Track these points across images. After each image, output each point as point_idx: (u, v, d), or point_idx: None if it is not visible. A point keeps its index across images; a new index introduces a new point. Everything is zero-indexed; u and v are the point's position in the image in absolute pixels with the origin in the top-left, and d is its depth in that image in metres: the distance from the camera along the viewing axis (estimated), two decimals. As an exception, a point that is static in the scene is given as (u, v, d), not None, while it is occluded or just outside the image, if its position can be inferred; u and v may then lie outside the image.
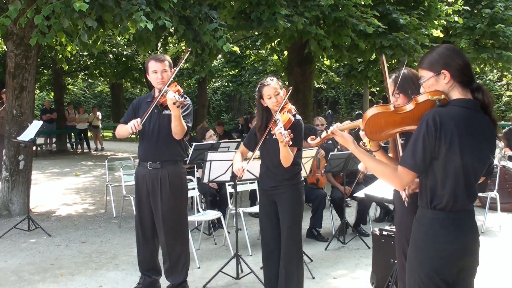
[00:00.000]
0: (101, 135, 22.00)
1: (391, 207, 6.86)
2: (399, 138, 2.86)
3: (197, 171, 6.89)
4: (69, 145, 20.23)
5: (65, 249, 6.06)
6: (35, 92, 9.04)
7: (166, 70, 4.30)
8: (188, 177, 4.89)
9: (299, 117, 4.03)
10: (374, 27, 8.75)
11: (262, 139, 3.98)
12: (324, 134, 2.69)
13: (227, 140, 8.54)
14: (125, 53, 19.69)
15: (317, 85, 22.83)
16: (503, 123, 19.51)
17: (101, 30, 7.31)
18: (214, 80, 27.91)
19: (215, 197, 6.90)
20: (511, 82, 25.35)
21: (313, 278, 5.00)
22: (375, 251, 4.65)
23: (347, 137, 2.58)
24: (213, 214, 6.00)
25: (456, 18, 11.27)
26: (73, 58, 18.04)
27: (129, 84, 25.07)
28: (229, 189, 6.19)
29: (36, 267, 5.37)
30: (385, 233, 4.56)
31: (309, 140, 2.80)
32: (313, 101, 16.04)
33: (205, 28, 6.87)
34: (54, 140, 19.71)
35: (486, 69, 18.96)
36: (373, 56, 10.91)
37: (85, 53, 18.40)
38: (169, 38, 11.16)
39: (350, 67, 14.47)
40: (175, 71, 4.35)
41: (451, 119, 2.25)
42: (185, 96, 4.20)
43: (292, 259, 3.98)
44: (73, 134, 20.01)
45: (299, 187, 4.06)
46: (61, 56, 9.64)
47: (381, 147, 2.79)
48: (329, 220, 6.86)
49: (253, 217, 7.51)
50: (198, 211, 6.19)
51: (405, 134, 2.79)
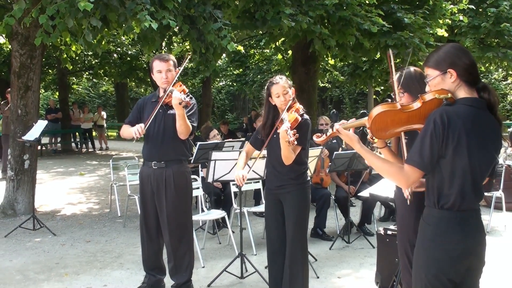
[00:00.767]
0: (106, 134, 22.06)
1: (396, 206, 6.84)
2: (404, 137, 2.84)
3: (202, 171, 6.90)
4: (74, 144, 20.28)
5: (70, 248, 6.08)
6: (40, 91, 9.06)
7: (170, 69, 4.30)
8: (192, 176, 4.89)
9: (306, 116, 3.99)
10: (378, 26, 8.73)
11: (269, 138, 3.95)
12: (329, 131, 2.67)
13: (231, 139, 8.54)
14: (129, 52, 19.72)
15: (322, 84, 22.78)
16: (508, 122, 19.46)
17: (106, 29, 7.31)
18: (218, 79, 27.94)
19: (220, 196, 6.91)
20: (516, 81, 25.26)
21: (318, 277, 5.00)
22: (379, 251, 4.64)
23: (352, 136, 2.57)
24: (218, 213, 6.01)
25: (461, 17, 11.23)
26: (77, 57, 18.04)
27: (134, 83, 25.11)
28: (234, 189, 6.19)
29: (41, 266, 5.39)
30: (389, 232, 4.55)
31: (315, 137, 2.78)
32: (317, 100, 16.04)
33: (210, 27, 6.87)
34: (59, 139, 19.76)
35: (491, 68, 18.89)
36: (378, 55, 10.89)
37: (90, 53, 18.40)
38: (174, 37, 11.18)
39: (354, 66, 14.44)
40: (179, 72, 4.35)
41: (459, 118, 2.24)
42: (191, 95, 4.20)
43: (297, 259, 3.95)
44: (78, 133, 20.06)
45: (305, 187, 4.03)
46: (65, 55, 9.65)
47: (387, 144, 2.78)
48: (334, 219, 6.85)
49: (258, 217, 7.51)
50: (202, 211, 6.19)
51: (409, 132, 2.78)
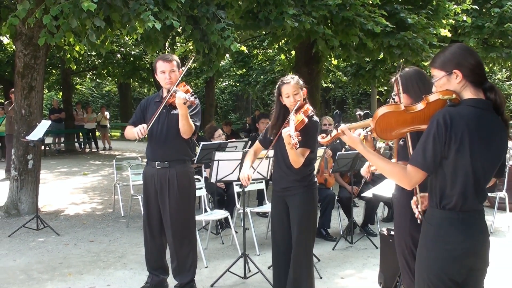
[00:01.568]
0: (109, 134, 22.08)
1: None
2: (409, 137, 2.84)
3: (205, 171, 6.90)
4: (77, 144, 20.32)
5: (74, 248, 6.09)
6: (44, 91, 9.08)
7: (174, 70, 4.31)
8: (195, 176, 4.90)
9: (316, 118, 3.96)
10: (382, 27, 8.73)
11: (275, 139, 3.91)
12: (334, 132, 2.67)
13: (234, 139, 8.54)
14: (133, 53, 19.75)
15: (325, 85, 22.77)
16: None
17: (109, 30, 7.33)
18: (221, 79, 27.91)
19: (223, 196, 6.91)
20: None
21: (321, 277, 5.00)
22: (382, 251, 4.64)
23: (355, 138, 2.57)
24: (221, 213, 6.01)
25: (464, 17, 11.22)
26: (81, 58, 18.10)
27: (137, 83, 25.14)
28: (237, 189, 6.20)
29: (44, 266, 5.40)
30: (392, 233, 4.53)
31: (320, 138, 2.78)
32: (320, 101, 16.02)
33: (213, 27, 6.88)
34: (62, 139, 19.80)
35: (495, 68, 18.86)
36: (381, 55, 10.88)
37: (93, 53, 18.47)
38: (177, 37, 11.19)
39: (357, 67, 14.43)
40: (183, 72, 4.36)
41: (462, 119, 2.24)
42: (195, 95, 4.20)
43: (301, 263, 3.92)
44: (81, 133, 20.10)
45: (312, 189, 3.99)
46: (69, 56, 9.68)
47: (375, 149, 2.78)
48: (337, 220, 6.84)
49: (261, 217, 7.51)
50: (205, 211, 6.19)
51: (413, 132, 2.77)
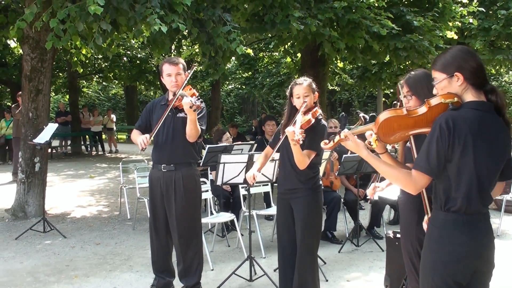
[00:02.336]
0: (116, 137, 22.14)
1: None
2: (413, 140, 2.83)
3: (211, 173, 6.91)
4: (83, 147, 20.41)
5: (80, 251, 6.11)
6: (51, 95, 9.12)
7: (180, 73, 4.32)
8: (201, 179, 4.90)
9: (324, 122, 3.96)
10: (388, 29, 8.72)
11: (283, 137, 3.90)
12: (337, 138, 2.68)
13: (240, 142, 8.55)
14: (139, 56, 19.82)
15: (331, 87, 22.76)
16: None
17: (116, 33, 7.36)
18: (227, 82, 27.98)
19: (229, 199, 6.92)
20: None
21: (327, 280, 4.99)
22: (389, 254, 4.63)
23: (358, 143, 2.57)
24: (227, 216, 6.01)
25: (470, 19, 11.18)
26: (88, 61, 18.20)
27: (143, 86, 25.25)
28: (243, 191, 6.20)
29: (51, 268, 5.42)
30: (399, 235, 4.52)
31: (322, 144, 2.78)
32: (326, 103, 16.01)
33: (219, 30, 6.90)
34: (69, 142, 19.88)
35: (501, 70, 18.78)
36: (387, 58, 10.86)
37: (100, 56, 18.54)
38: (183, 41, 11.22)
39: (363, 69, 14.42)
40: (188, 76, 4.36)
41: (464, 122, 2.24)
42: (201, 99, 4.21)
43: (305, 266, 3.93)
44: (87, 136, 20.18)
45: (317, 192, 3.98)
46: (76, 59, 9.71)
47: (387, 150, 2.78)
48: (343, 222, 6.83)
49: (267, 220, 7.51)
50: (211, 213, 6.20)
51: (417, 136, 2.77)
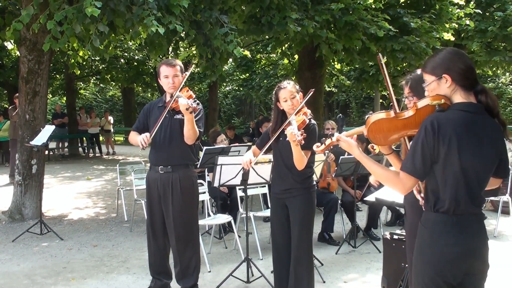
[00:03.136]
0: (113, 139, 22.13)
1: (402, 211, 6.82)
2: (408, 142, 2.85)
3: (208, 175, 6.91)
4: (81, 149, 20.38)
5: (77, 253, 6.10)
6: (48, 96, 9.12)
7: (177, 75, 4.32)
8: (198, 181, 4.90)
9: (314, 121, 4.03)
10: (385, 31, 8.74)
11: (272, 139, 3.97)
12: (328, 141, 2.70)
13: (237, 144, 8.55)
14: (136, 57, 19.84)
15: (328, 89, 22.80)
16: (515, 126, 19.31)
17: (113, 35, 7.37)
18: (225, 84, 27.99)
19: (226, 201, 6.91)
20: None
21: (324, 282, 4.99)
22: (386, 255, 4.63)
23: (351, 142, 2.61)
24: (224, 218, 6.01)
25: (467, 21, 11.21)
26: (85, 63, 18.15)
27: (141, 88, 25.26)
28: (240, 193, 6.20)
29: (48, 271, 5.41)
30: (396, 237, 4.54)
31: (314, 147, 2.81)
32: (324, 105, 16.04)
33: (216, 32, 6.91)
34: (66, 144, 19.86)
35: (498, 72, 18.83)
36: (384, 59, 10.87)
37: (97, 58, 18.53)
38: (180, 42, 11.23)
39: (361, 71, 14.44)
40: (185, 78, 4.37)
41: (449, 123, 2.26)
42: (198, 101, 4.22)
43: (302, 263, 3.98)
44: (85, 138, 20.15)
45: (311, 191, 4.05)
46: (73, 61, 9.71)
47: (393, 151, 2.79)
48: (340, 224, 6.84)
49: (264, 222, 7.50)
50: (208, 215, 6.20)
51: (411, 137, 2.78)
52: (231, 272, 4.89)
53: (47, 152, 15.31)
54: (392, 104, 2.86)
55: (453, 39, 10.59)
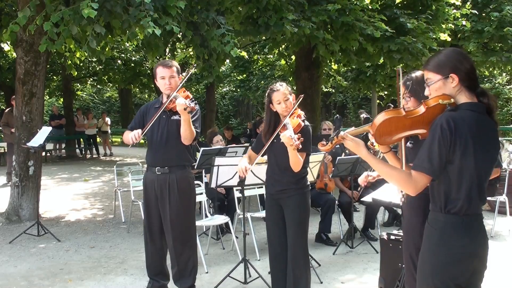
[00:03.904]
0: (110, 140, 22.09)
1: (399, 211, 6.82)
2: (407, 141, 2.86)
3: (205, 176, 6.90)
4: (78, 150, 20.34)
5: (74, 254, 6.09)
6: (45, 98, 9.10)
7: (173, 76, 4.33)
8: (196, 182, 4.90)
9: (307, 123, 4.04)
10: (381, 31, 8.76)
11: (268, 143, 3.99)
12: (335, 139, 2.68)
13: (235, 145, 8.55)
14: (133, 59, 19.81)
15: (325, 90, 22.81)
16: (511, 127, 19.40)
17: (110, 36, 7.36)
18: (222, 85, 27.98)
19: (223, 202, 6.91)
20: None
21: (321, 282, 4.99)
22: (383, 256, 4.64)
23: (358, 141, 2.56)
24: (221, 219, 6.01)
25: (464, 22, 11.24)
26: (82, 64, 18.14)
27: (138, 89, 25.18)
28: (237, 194, 6.21)
29: (45, 272, 5.41)
30: (393, 237, 4.54)
31: (320, 146, 2.79)
32: (321, 106, 16.03)
33: (213, 33, 6.91)
34: (63, 145, 19.82)
35: (495, 72, 18.88)
36: (381, 60, 10.90)
37: (94, 59, 18.50)
38: (177, 43, 11.21)
39: (358, 72, 14.45)
40: (183, 80, 4.37)
41: (464, 123, 2.26)
42: (195, 101, 4.23)
43: (299, 263, 3.99)
44: (82, 139, 20.12)
45: (305, 192, 4.07)
46: (70, 62, 9.71)
47: (391, 149, 2.79)
48: (337, 224, 6.84)
49: (262, 222, 7.48)
50: (206, 216, 6.20)
51: (413, 137, 2.79)
52: (228, 273, 4.89)
53: (44, 153, 15.29)
54: (398, 102, 2.86)
55: (449, 39, 10.61)
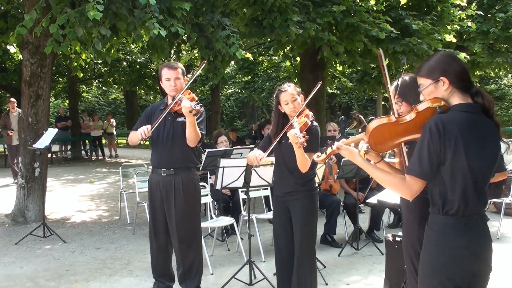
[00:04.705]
0: (115, 142, 22.16)
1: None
2: (404, 146, 2.86)
3: (210, 178, 6.92)
4: (83, 152, 20.40)
5: (80, 256, 6.11)
6: (50, 100, 9.13)
7: (179, 77, 4.33)
8: (201, 183, 4.91)
9: (316, 123, 4.02)
10: (386, 33, 8.74)
11: (275, 142, 3.95)
12: (329, 150, 2.69)
13: (239, 146, 8.55)
14: (138, 60, 19.87)
15: (330, 91, 22.82)
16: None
17: (115, 38, 7.39)
18: (227, 86, 28.02)
19: (228, 203, 6.92)
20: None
21: (326, 284, 4.99)
22: (388, 257, 4.63)
23: (353, 150, 2.59)
24: (226, 220, 6.02)
25: (469, 23, 11.21)
26: (87, 66, 18.21)
27: (143, 91, 25.27)
28: (242, 196, 6.21)
29: (51, 273, 5.42)
30: (398, 239, 4.53)
31: (315, 157, 2.80)
32: (326, 107, 16.04)
33: (218, 35, 6.92)
34: (69, 147, 19.89)
35: (500, 73, 18.81)
36: (386, 61, 10.88)
37: (99, 61, 18.59)
38: (182, 45, 11.24)
39: (363, 73, 14.45)
40: (190, 81, 4.38)
41: (453, 124, 2.26)
42: (201, 103, 4.23)
43: (304, 267, 3.96)
44: (87, 141, 20.18)
45: (313, 194, 4.04)
46: (75, 64, 9.74)
47: (382, 158, 2.79)
48: (343, 226, 6.83)
49: (271, 223, 7.46)
50: (211, 218, 6.21)
51: (409, 142, 2.79)
52: (233, 274, 4.89)
53: (49, 155, 15.35)
54: (391, 108, 2.86)
55: (455, 40, 10.59)
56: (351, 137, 2.74)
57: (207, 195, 6.08)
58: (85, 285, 5.05)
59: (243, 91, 26.59)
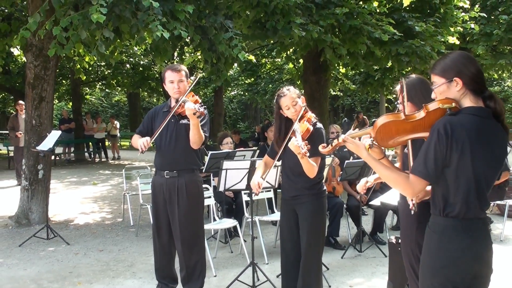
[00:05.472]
0: (119, 144, 22.19)
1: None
2: (410, 145, 2.85)
3: (213, 180, 6.92)
4: (87, 154, 20.44)
5: (83, 257, 6.12)
6: (54, 102, 9.16)
7: (182, 80, 4.34)
8: (204, 185, 4.91)
9: (319, 125, 3.95)
10: (389, 35, 8.74)
11: (281, 149, 3.92)
12: (335, 142, 2.69)
13: (242, 148, 8.56)
14: (142, 63, 19.92)
15: (333, 93, 22.80)
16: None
17: (118, 40, 7.41)
18: (230, 88, 28.05)
19: (231, 205, 6.92)
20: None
21: (330, 286, 4.99)
22: (391, 259, 4.62)
23: (359, 144, 2.58)
24: (229, 222, 6.02)
25: (472, 25, 11.19)
26: (90, 68, 18.26)
27: (146, 93, 25.31)
28: (245, 198, 6.21)
29: (54, 275, 5.43)
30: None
31: (320, 148, 2.79)
32: (329, 109, 16.04)
33: (221, 37, 6.93)
34: (72, 149, 19.92)
35: (504, 75, 18.78)
36: (389, 63, 10.88)
37: (103, 63, 18.64)
38: (185, 48, 11.26)
39: (366, 75, 14.43)
40: (192, 85, 4.38)
41: (462, 127, 2.25)
42: (204, 106, 4.23)
43: (310, 271, 3.93)
44: (91, 143, 20.21)
45: (321, 197, 3.97)
46: (79, 66, 9.79)
47: (385, 155, 2.79)
48: (346, 228, 6.83)
49: (274, 225, 7.45)
50: (214, 220, 6.21)
51: (413, 140, 2.79)
52: (236, 276, 4.89)
53: (53, 157, 15.38)
54: (399, 107, 2.87)
55: (458, 42, 10.57)
56: (357, 130, 2.74)
57: (210, 197, 6.08)
58: (89, 287, 5.06)
59: (246, 93, 26.63)
